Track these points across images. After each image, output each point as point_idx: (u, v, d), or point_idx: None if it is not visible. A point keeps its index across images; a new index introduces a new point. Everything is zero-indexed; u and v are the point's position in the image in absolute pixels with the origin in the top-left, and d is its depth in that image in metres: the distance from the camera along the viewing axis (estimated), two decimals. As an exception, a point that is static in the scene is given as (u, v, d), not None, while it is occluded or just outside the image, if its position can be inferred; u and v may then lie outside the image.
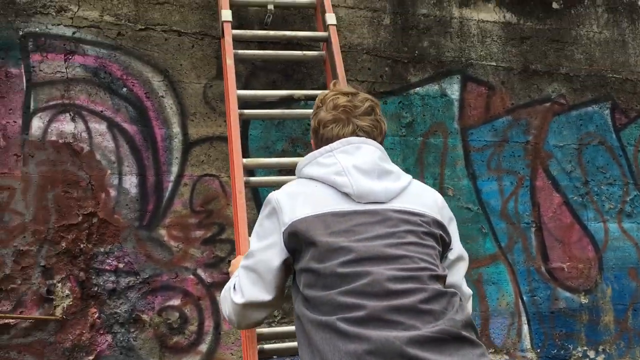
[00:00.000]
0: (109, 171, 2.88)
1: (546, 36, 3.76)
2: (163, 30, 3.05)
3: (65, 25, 2.91)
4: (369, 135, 1.66)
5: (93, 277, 2.80)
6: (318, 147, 1.68)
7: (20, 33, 2.84)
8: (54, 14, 2.90)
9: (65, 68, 2.88)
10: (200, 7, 3.12)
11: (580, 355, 3.51)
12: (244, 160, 2.53)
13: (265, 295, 1.56)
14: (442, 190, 3.39)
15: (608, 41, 3.91)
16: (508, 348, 3.38)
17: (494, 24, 3.67)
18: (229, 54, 2.74)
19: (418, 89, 3.45)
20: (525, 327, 3.43)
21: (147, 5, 3.04)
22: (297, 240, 1.52)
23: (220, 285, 2.91)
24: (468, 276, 3.23)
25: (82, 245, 2.79)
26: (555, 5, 3.82)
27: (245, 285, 1.57)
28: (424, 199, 1.63)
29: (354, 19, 3.37)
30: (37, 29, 2.87)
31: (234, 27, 2.88)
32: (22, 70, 2.82)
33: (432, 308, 1.41)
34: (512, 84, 3.64)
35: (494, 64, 3.63)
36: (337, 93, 1.69)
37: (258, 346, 2.17)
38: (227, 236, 2.98)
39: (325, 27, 2.90)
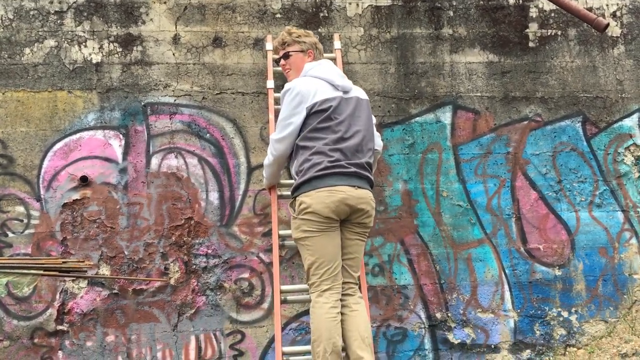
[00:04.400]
0: (199, 190, 4.38)
1: (524, 69, 4.84)
2: (232, 93, 4.51)
3: (169, 96, 4.45)
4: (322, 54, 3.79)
5: (192, 259, 4.30)
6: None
7: (142, 103, 4.42)
8: (162, 89, 4.45)
9: (170, 124, 4.42)
10: (256, 74, 4.55)
11: (555, 315, 4.55)
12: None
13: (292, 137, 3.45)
14: (438, 192, 4.59)
15: (580, 67, 4.91)
16: (493, 309, 4.51)
17: (479, 64, 4.81)
18: (271, 110, 4.15)
19: (417, 118, 4.67)
20: (507, 293, 4.54)
21: (221, 77, 4.52)
22: (316, 110, 3.34)
23: (275, 263, 4.32)
24: (459, 256, 4.42)
25: (184, 239, 4.31)
26: (531, 44, 4.88)
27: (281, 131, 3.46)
28: (360, 91, 3.62)
29: (367, 71, 4.67)
30: (152, 100, 4.43)
31: (277, 87, 4.29)
32: (144, 127, 4.39)
33: (365, 148, 3.43)
34: (495, 109, 4.76)
35: (479, 94, 4.76)
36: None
37: (281, 297, 3.57)
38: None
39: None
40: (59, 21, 4.43)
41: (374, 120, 3.66)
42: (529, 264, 4.60)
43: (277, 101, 4.20)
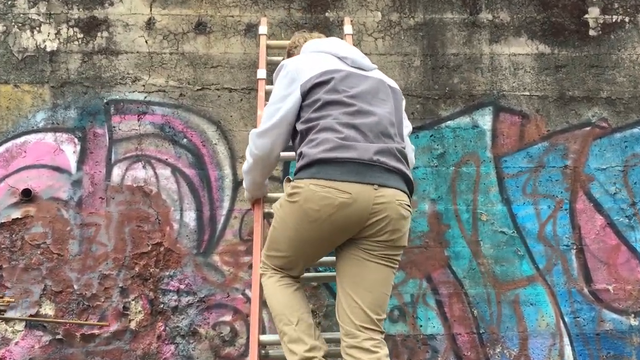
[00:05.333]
0: (172, 208, 3.47)
1: (584, 63, 3.86)
2: (216, 89, 3.64)
3: (138, 92, 3.60)
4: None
5: (160, 296, 3.37)
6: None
7: (105, 101, 3.57)
8: (130, 83, 3.60)
9: (139, 126, 3.55)
10: (247, 67, 3.67)
11: (632, 379, 3.47)
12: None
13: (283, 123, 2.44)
14: (475, 216, 3.60)
15: (655, 61, 3.91)
16: (549, 368, 3.45)
17: (526, 56, 3.84)
18: (261, 105, 3.23)
19: (449, 122, 3.72)
20: (568, 348, 3.48)
21: (204, 69, 3.66)
22: (313, 85, 2.34)
23: (265, 304, 3.34)
24: (504, 297, 3.42)
25: (151, 270, 3.39)
26: (592, 33, 3.91)
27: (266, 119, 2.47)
28: (389, 79, 2.55)
29: (386, 63, 3.75)
30: (117, 97, 3.58)
31: (271, 81, 3.40)
32: (106, 130, 3.54)
33: (393, 135, 2.35)
34: (548, 111, 3.77)
35: (527, 93, 3.79)
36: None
37: (261, 351, 2.59)
38: (271, 261, 3.42)
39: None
40: (9, 2, 3.64)
41: (409, 127, 2.64)
42: (595, 310, 3.54)
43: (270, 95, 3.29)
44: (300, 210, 2.24)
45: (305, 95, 2.37)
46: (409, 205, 2.30)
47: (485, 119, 3.74)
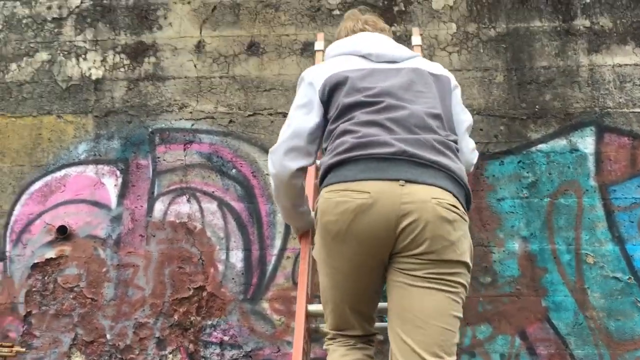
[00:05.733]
0: (217, 247, 3.06)
1: None
2: (269, 114, 3.26)
3: (185, 119, 3.27)
4: (375, 28, 2.20)
5: (201, 349, 2.92)
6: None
7: (150, 130, 3.27)
8: (177, 110, 3.29)
9: (184, 156, 3.21)
10: (304, 89, 3.27)
11: None
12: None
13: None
14: (579, 257, 2.94)
15: None
16: None
17: (635, 67, 3.22)
18: (314, 125, 2.81)
19: (541, 145, 3.12)
20: None
21: (256, 93, 3.29)
22: (330, 89, 1.95)
23: (322, 361, 2.82)
24: (621, 360, 2.72)
25: (192, 318, 2.96)
26: None
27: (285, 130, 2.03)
28: (434, 65, 2.08)
29: (462, 80, 3.24)
30: (163, 125, 3.27)
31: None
32: (149, 161, 3.21)
33: (429, 124, 1.86)
34: (666, 130, 3.11)
35: (638, 110, 3.15)
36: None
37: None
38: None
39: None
40: (56, 30, 3.47)
41: (468, 121, 2.08)
42: None
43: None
44: (321, 228, 1.83)
45: (326, 103, 1.98)
46: (455, 207, 1.74)
47: (586, 141, 3.12)
